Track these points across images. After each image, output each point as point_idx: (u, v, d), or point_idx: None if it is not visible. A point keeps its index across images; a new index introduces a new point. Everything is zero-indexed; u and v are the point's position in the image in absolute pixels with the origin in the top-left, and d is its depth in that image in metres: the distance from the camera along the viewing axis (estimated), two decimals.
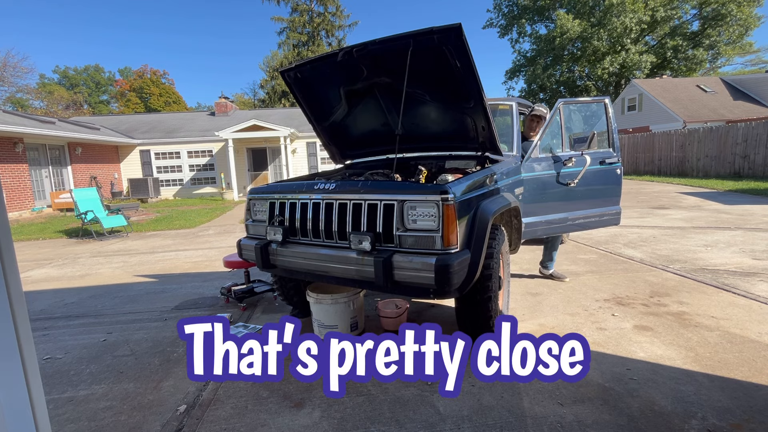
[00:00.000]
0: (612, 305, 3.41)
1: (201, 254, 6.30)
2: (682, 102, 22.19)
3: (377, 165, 3.77)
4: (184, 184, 18.23)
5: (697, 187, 11.97)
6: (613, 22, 27.20)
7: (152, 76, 49.36)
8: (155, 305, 4.01)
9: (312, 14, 33.75)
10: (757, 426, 1.87)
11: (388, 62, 2.95)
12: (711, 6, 26.87)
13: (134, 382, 2.54)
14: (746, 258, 4.58)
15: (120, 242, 7.82)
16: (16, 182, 12.28)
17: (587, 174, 3.86)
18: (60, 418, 2.21)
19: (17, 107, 34.58)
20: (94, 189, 9.36)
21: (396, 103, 3.22)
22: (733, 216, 7.19)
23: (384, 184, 2.53)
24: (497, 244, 2.61)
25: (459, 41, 2.53)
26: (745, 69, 33.48)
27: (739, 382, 2.23)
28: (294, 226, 2.73)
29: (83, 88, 49.11)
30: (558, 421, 1.97)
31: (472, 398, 2.18)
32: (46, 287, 4.87)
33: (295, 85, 3.41)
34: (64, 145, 14.77)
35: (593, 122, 4.41)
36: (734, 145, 14.02)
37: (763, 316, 3.05)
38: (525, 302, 3.56)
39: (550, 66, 32.25)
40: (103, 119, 22.04)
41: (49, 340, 3.27)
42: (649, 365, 2.44)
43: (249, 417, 2.12)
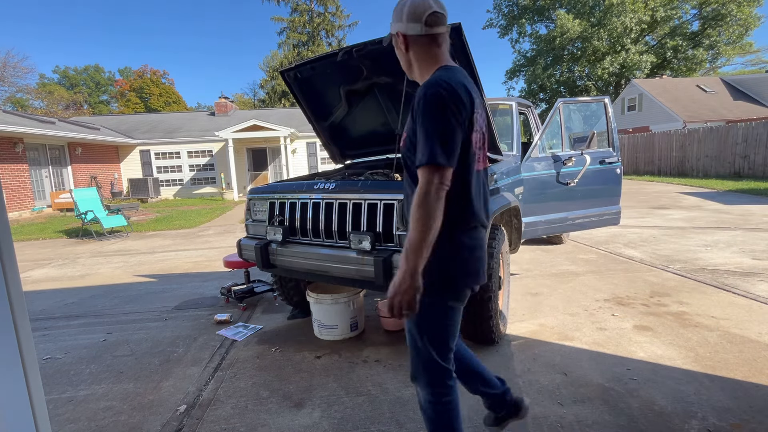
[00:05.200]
0: (612, 305, 3.41)
1: (201, 254, 6.30)
2: (682, 102, 22.19)
3: (377, 165, 3.77)
4: (184, 184, 18.23)
5: (697, 187, 11.97)
6: (613, 22, 27.19)
7: (152, 76, 49.34)
8: (155, 305, 4.01)
9: (312, 14, 33.75)
10: (757, 426, 1.87)
11: (388, 62, 2.94)
12: (711, 6, 26.86)
13: (134, 382, 2.54)
14: (746, 258, 4.58)
15: (120, 242, 7.81)
16: (16, 182, 12.28)
17: (587, 173, 3.86)
18: (60, 418, 2.20)
19: (17, 107, 34.59)
20: (94, 189, 9.36)
21: (396, 102, 3.22)
22: (733, 216, 7.19)
23: (384, 183, 2.53)
24: (497, 243, 2.61)
25: (459, 41, 2.52)
26: (745, 69, 33.51)
27: (739, 382, 2.23)
28: (294, 225, 2.73)
29: (83, 88, 49.11)
30: (558, 421, 1.97)
31: (472, 398, 2.18)
32: (46, 287, 4.87)
33: (295, 85, 3.41)
34: (64, 145, 14.77)
35: (593, 122, 4.41)
36: (734, 145, 14.02)
37: (763, 316, 3.05)
38: (525, 302, 3.56)
39: (550, 66, 32.24)
40: (103, 119, 22.04)
41: (49, 340, 3.27)
42: (649, 365, 2.44)
43: (249, 417, 2.12)
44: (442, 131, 1.21)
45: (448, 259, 1.32)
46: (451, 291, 1.35)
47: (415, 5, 1.31)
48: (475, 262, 1.37)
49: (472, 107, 1.27)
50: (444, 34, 1.36)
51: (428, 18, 1.30)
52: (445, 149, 1.20)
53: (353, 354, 2.76)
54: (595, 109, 4.38)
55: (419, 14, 1.30)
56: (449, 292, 1.35)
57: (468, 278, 1.37)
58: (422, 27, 1.31)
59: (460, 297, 1.37)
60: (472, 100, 1.28)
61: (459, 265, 1.34)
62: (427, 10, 1.30)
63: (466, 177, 1.31)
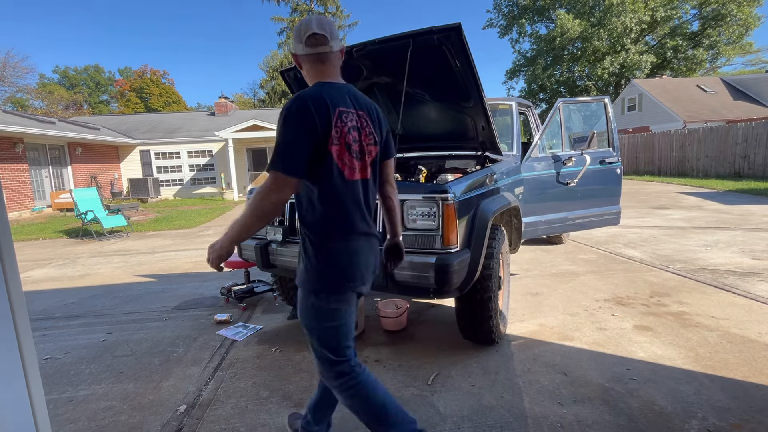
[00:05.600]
0: (612, 305, 3.41)
1: (201, 254, 6.30)
2: (682, 102, 22.18)
3: None
4: (184, 184, 18.23)
5: (697, 187, 11.97)
6: (613, 22, 27.19)
7: (152, 76, 49.33)
8: (155, 305, 4.01)
9: (312, 14, 33.74)
10: (757, 426, 1.87)
11: (387, 62, 2.95)
12: (711, 6, 26.85)
13: (134, 382, 2.54)
14: (746, 258, 4.58)
15: (120, 242, 7.81)
16: (16, 182, 12.28)
17: (587, 173, 3.86)
18: (60, 418, 2.20)
19: (17, 107, 34.59)
20: (94, 189, 9.35)
21: (396, 102, 3.22)
22: (733, 216, 7.19)
23: None
24: (497, 243, 2.61)
25: (459, 41, 2.53)
26: (745, 69, 33.48)
27: (739, 382, 2.23)
28: (294, 225, 2.73)
29: (83, 88, 49.10)
30: (558, 421, 1.97)
31: (472, 398, 2.18)
32: (46, 287, 4.87)
33: (295, 85, 3.41)
34: (64, 145, 14.77)
35: (593, 122, 4.41)
36: (734, 145, 14.02)
37: (763, 316, 3.05)
38: (525, 302, 3.56)
39: (550, 66, 32.24)
40: (103, 119, 22.04)
41: (49, 340, 3.27)
42: (649, 365, 2.44)
43: (249, 417, 2.12)
44: (283, 142, 1.33)
45: (327, 264, 1.43)
46: (332, 294, 1.45)
47: (297, 28, 1.46)
48: (354, 267, 1.46)
49: (329, 122, 1.35)
50: (327, 53, 1.46)
51: (307, 39, 1.43)
52: (285, 159, 1.31)
53: None
54: (595, 109, 4.38)
55: (300, 36, 1.44)
56: (331, 295, 1.45)
57: (348, 283, 1.46)
58: (304, 47, 1.45)
59: (342, 299, 1.46)
60: (330, 115, 1.36)
61: (338, 270, 1.44)
62: (307, 32, 1.43)
63: (333, 188, 1.40)
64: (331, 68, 1.49)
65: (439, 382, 2.36)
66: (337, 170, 1.39)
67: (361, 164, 1.46)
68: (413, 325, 3.19)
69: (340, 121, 1.38)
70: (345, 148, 1.40)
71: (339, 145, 1.39)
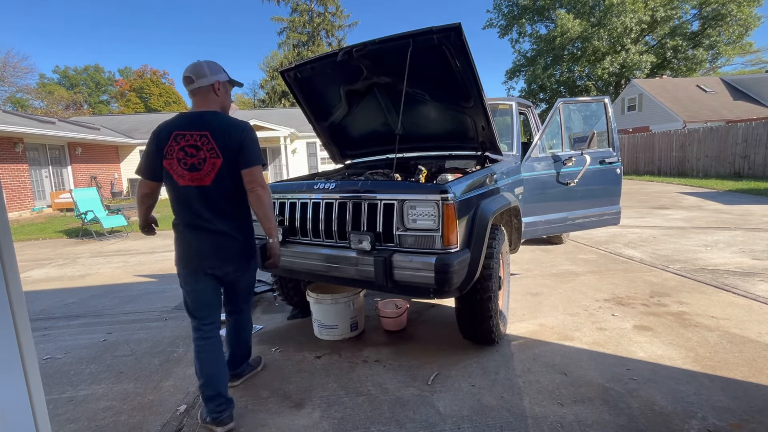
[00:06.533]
0: (612, 305, 3.41)
1: None
2: (682, 102, 22.19)
3: (377, 165, 3.77)
4: None
5: (697, 187, 11.97)
6: (613, 22, 27.18)
7: (152, 76, 49.33)
8: (155, 305, 4.01)
9: (312, 14, 33.76)
10: (757, 426, 1.87)
11: (387, 62, 2.95)
12: (711, 6, 26.84)
13: (134, 382, 2.54)
14: (746, 258, 4.58)
15: (120, 242, 7.81)
16: (16, 182, 12.29)
17: (587, 173, 3.86)
18: (60, 418, 2.21)
19: (17, 107, 34.58)
20: (94, 189, 9.35)
21: (396, 102, 3.22)
22: (733, 216, 7.19)
23: (384, 183, 2.53)
24: (497, 243, 2.61)
25: (459, 41, 2.53)
26: (745, 69, 33.49)
27: (739, 382, 2.23)
28: (294, 225, 2.73)
29: (83, 88, 49.08)
30: (558, 421, 1.97)
31: (472, 398, 2.18)
32: (46, 287, 4.87)
33: (295, 85, 3.41)
34: (64, 145, 14.77)
35: (593, 122, 4.41)
36: (734, 145, 14.01)
37: (763, 316, 3.05)
38: (525, 302, 3.56)
39: (550, 66, 32.23)
40: (103, 119, 22.04)
41: (49, 340, 3.27)
42: (649, 365, 2.44)
43: (249, 417, 2.12)
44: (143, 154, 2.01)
45: (175, 247, 2.06)
46: (179, 269, 2.05)
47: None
48: (181, 249, 2.02)
49: (163, 143, 1.89)
50: (193, 90, 1.96)
51: (183, 80, 1.98)
52: (140, 165, 2.00)
53: (353, 354, 2.76)
54: (595, 109, 4.38)
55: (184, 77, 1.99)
56: (179, 270, 2.05)
57: (180, 261, 2.04)
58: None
59: (183, 271, 2.03)
60: (162, 139, 1.89)
61: (176, 249, 2.04)
62: (184, 73, 1.96)
63: (170, 192, 1.97)
64: (199, 100, 1.97)
65: (439, 382, 2.36)
66: (169, 178, 1.92)
67: (191, 175, 1.89)
68: (413, 325, 3.19)
69: (173, 142, 1.88)
70: (180, 162, 1.89)
71: (172, 159, 1.89)
